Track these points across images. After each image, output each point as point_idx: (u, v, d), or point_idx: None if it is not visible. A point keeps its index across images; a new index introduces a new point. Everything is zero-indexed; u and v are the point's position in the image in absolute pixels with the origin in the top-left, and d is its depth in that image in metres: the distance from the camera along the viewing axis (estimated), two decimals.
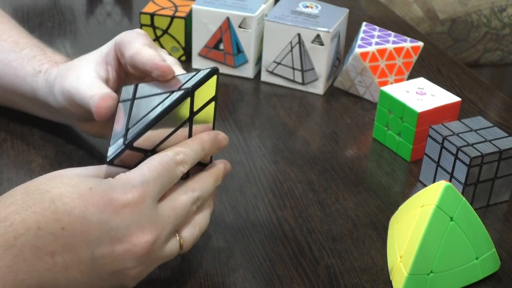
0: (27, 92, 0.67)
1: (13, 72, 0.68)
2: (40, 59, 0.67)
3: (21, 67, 0.67)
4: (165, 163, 0.50)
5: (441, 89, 0.75)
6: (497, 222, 0.65)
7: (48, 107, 0.66)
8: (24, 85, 0.67)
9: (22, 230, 0.46)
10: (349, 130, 0.79)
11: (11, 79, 0.68)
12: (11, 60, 0.68)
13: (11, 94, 0.70)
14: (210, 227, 0.62)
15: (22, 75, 0.67)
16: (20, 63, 0.67)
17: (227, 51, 0.87)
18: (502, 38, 1.54)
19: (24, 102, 0.70)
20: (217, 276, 0.57)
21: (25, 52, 0.68)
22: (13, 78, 0.68)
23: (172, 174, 0.51)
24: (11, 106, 0.73)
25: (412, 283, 0.55)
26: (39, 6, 1.03)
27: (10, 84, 0.69)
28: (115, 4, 1.06)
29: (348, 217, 0.64)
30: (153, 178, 0.49)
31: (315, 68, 0.84)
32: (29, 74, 0.66)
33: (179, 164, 0.51)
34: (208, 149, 0.54)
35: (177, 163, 0.51)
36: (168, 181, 0.51)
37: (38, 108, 0.70)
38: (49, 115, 0.70)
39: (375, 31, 0.85)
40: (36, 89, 0.66)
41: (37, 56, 0.68)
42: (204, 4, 0.86)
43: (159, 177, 0.50)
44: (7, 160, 0.69)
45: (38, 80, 0.65)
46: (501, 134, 0.66)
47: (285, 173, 0.70)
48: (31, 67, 0.67)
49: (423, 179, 0.70)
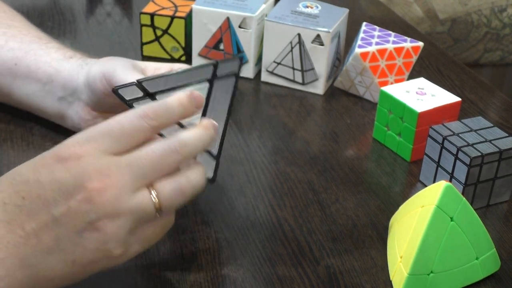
0: (44, 76, 0.70)
1: (34, 58, 0.70)
2: (69, 51, 0.71)
3: (46, 54, 0.71)
4: (126, 117, 0.50)
5: (441, 89, 0.74)
6: (497, 222, 0.65)
7: (64, 91, 0.69)
8: (44, 68, 0.70)
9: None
10: (349, 130, 0.79)
11: (29, 64, 0.70)
12: (35, 48, 0.71)
13: (21, 82, 0.71)
14: (210, 227, 0.62)
15: (47, 60, 0.70)
16: (45, 52, 0.71)
17: (227, 51, 0.87)
18: (502, 38, 1.54)
19: (33, 88, 0.71)
20: (217, 276, 0.57)
21: (52, 44, 0.72)
22: (33, 63, 0.70)
23: (134, 127, 0.49)
24: (12, 100, 0.74)
25: (412, 283, 0.55)
26: (39, 6, 1.03)
27: (26, 69, 0.71)
28: (115, 4, 1.06)
29: (348, 217, 0.64)
30: (103, 133, 0.49)
31: (315, 68, 0.84)
32: (56, 59, 0.70)
33: (144, 117, 0.50)
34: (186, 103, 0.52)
35: (141, 116, 0.50)
36: (128, 134, 0.49)
37: (45, 95, 0.70)
38: (51, 106, 0.71)
39: (375, 31, 0.85)
40: (59, 72, 0.69)
41: (66, 48, 0.72)
42: (204, 4, 0.86)
43: (111, 131, 0.49)
44: (7, 160, 0.69)
45: (67, 64, 0.69)
46: (501, 134, 0.66)
47: (285, 173, 0.70)
48: (60, 54, 0.70)
49: (423, 179, 0.70)
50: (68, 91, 0.69)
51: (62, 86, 0.69)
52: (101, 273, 0.56)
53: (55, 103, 0.71)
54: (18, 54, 0.71)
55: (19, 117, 0.75)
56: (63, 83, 0.69)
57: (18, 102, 0.73)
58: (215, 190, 0.67)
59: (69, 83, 0.68)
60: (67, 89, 0.69)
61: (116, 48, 0.93)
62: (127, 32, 0.97)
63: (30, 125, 0.74)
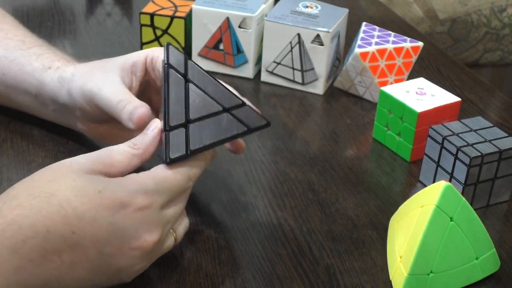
0: (32, 88, 0.68)
1: (19, 68, 0.68)
2: (49, 57, 0.68)
3: (28, 63, 0.68)
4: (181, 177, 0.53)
5: (441, 89, 0.75)
6: (497, 222, 0.65)
7: (55, 104, 0.67)
8: (30, 80, 0.68)
9: (32, 234, 0.46)
10: (349, 130, 0.79)
11: (15, 75, 0.69)
12: (18, 56, 0.69)
13: (12, 91, 0.70)
14: (210, 227, 0.62)
15: (29, 70, 0.68)
16: (27, 60, 0.68)
17: (227, 51, 0.87)
18: (502, 38, 1.54)
19: (26, 99, 0.70)
20: (217, 276, 0.57)
21: (33, 50, 0.69)
22: (18, 74, 0.68)
23: (184, 187, 0.54)
24: (11, 105, 0.73)
25: (412, 283, 0.55)
26: (39, 6, 1.03)
27: (14, 81, 0.69)
28: (115, 4, 1.06)
29: (348, 217, 0.64)
30: (163, 189, 0.52)
31: (315, 68, 0.84)
32: (38, 69, 0.67)
33: (191, 180, 0.55)
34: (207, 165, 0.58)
35: (190, 179, 0.54)
36: (179, 192, 0.54)
37: (40, 106, 0.70)
38: (50, 114, 0.70)
39: (375, 31, 0.85)
40: (43, 84, 0.67)
41: (46, 54, 0.69)
42: (204, 4, 0.86)
43: (169, 190, 0.52)
44: (7, 160, 0.69)
45: (47, 76, 0.66)
46: (501, 134, 0.66)
47: (285, 173, 0.70)
48: (40, 63, 0.68)
49: (423, 179, 0.70)
50: (58, 105, 0.67)
51: (51, 100, 0.67)
52: None
53: (50, 114, 0.70)
54: (5, 63, 0.69)
55: (19, 117, 0.75)
56: (50, 97, 0.67)
57: (19, 109, 0.73)
58: (215, 190, 0.67)
59: (55, 98, 0.66)
60: (56, 103, 0.67)
61: (115, 48, 0.93)
62: (126, 32, 0.98)
63: (30, 125, 0.74)
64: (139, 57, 0.63)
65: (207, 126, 0.57)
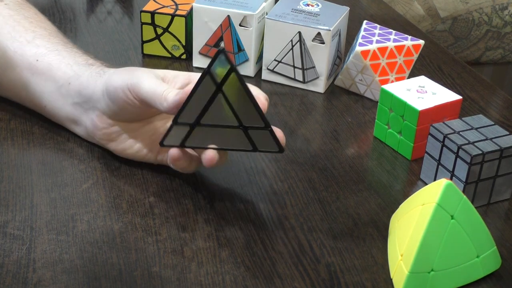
0: (62, 78, 0.70)
1: (57, 57, 0.71)
2: (91, 58, 0.72)
3: (71, 56, 0.72)
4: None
5: (442, 88, 0.74)
6: (498, 220, 0.65)
7: (80, 97, 0.69)
8: (65, 69, 0.70)
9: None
10: (350, 129, 0.79)
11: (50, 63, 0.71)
12: (60, 49, 0.73)
13: (39, 78, 0.72)
14: (211, 225, 0.62)
15: (71, 62, 0.71)
16: (71, 54, 0.72)
17: (228, 49, 0.87)
18: (503, 36, 1.54)
19: (48, 88, 0.71)
20: (218, 275, 0.57)
21: (77, 49, 0.74)
22: (54, 62, 0.71)
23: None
24: (20, 98, 0.74)
25: (413, 281, 0.55)
26: (39, 4, 1.03)
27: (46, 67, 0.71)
28: (115, 2, 1.06)
29: (349, 216, 0.64)
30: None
31: (316, 66, 0.84)
32: (78, 63, 0.71)
33: None
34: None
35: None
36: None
37: (58, 97, 0.70)
38: (62, 108, 0.71)
39: (376, 29, 0.85)
40: (78, 75, 0.69)
41: (88, 54, 0.73)
42: (204, 2, 0.85)
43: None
44: (7, 159, 0.69)
45: (87, 69, 0.69)
46: (502, 132, 0.66)
47: (286, 171, 0.70)
48: (83, 59, 0.71)
49: (424, 177, 0.70)
50: (84, 97, 0.68)
51: (78, 91, 0.69)
52: (101, 273, 0.56)
53: (68, 107, 0.70)
54: (42, 51, 0.72)
55: (20, 115, 0.75)
56: (80, 89, 0.68)
57: (30, 101, 0.73)
58: (215, 188, 0.67)
59: (85, 90, 0.68)
60: (83, 95, 0.68)
61: (116, 46, 0.93)
62: (127, 30, 0.97)
63: (31, 123, 0.74)
64: (164, 74, 0.65)
65: (213, 132, 0.58)
